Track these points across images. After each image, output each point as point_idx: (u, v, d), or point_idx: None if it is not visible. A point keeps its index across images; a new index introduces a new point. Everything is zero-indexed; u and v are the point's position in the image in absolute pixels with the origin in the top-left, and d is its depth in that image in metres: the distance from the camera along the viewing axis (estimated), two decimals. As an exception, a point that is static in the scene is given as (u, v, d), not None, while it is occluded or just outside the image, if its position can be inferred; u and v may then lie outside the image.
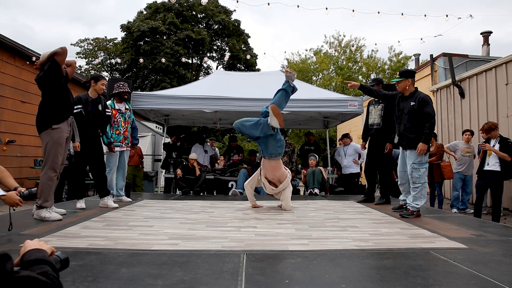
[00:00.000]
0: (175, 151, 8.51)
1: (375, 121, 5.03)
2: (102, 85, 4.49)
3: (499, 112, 7.39)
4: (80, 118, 4.22)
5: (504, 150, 5.27)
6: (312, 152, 7.42)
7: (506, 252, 2.50)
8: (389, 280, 1.90)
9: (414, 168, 4.01)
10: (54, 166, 3.50)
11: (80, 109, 4.26)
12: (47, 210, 3.45)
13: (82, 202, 4.32)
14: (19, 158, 8.50)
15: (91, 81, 4.48)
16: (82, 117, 4.27)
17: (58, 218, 3.45)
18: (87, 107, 4.32)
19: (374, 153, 5.05)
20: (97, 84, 4.46)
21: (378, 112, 5.01)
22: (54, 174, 3.52)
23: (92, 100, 4.41)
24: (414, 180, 4.02)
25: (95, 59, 25.74)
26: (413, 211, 3.95)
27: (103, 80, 4.53)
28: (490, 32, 11.33)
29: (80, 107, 4.26)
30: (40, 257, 1.07)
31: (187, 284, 1.81)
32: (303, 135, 20.29)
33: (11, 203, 2.56)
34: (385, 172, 5.06)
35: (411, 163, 4.04)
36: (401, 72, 4.23)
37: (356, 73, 25.63)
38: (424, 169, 4.00)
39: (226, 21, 23.51)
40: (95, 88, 4.46)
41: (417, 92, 4.12)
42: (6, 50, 8.24)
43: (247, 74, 10.62)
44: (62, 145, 3.56)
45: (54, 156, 3.50)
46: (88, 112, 4.33)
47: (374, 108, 5.09)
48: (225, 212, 4.19)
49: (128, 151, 5.19)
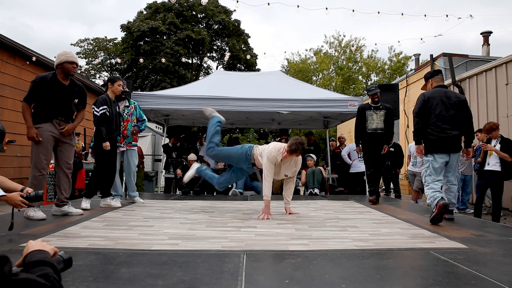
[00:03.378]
0: (175, 151, 8.52)
1: (379, 126, 5.22)
2: (118, 85, 4.58)
3: (499, 112, 7.39)
4: (105, 118, 4.33)
5: (505, 150, 5.28)
6: (312, 152, 7.42)
7: (506, 252, 2.50)
8: (389, 280, 1.91)
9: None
10: (38, 165, 3.55)
11: (105, 110, 4.34)
12: (33, 209, 3.46)
13: (88, 203, 4.26)
14: (19, 158, 8.50)
15: (108, 84, 4.60)
16: (107, 117, 4.36)
17: (41, 218, 3.46)
18: (110, 108, 4.42)
19: (378, 156, 5.25)
20: (114, 85, 4.55)
21: (381, 118, 5.22)
22: (39, 174, 3.54)
23: (113, 101, 4.53)
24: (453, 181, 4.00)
25: (95, 59, 25.73)
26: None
27: (119, 81, 4.62)
28: (490, 32, 11.33)
29: (105, 108, 4.34)
30: (42, 259, 1.07)
31: (187, 284, 1.81)
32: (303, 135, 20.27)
33: (14, 204, 2.57)
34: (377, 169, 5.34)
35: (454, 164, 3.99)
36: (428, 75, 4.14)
37: (356, 73, 25.65)
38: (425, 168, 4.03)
39: (226, 21, 23.50)
40: (113, 89, 4.55)
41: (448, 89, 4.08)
42: (6, 50, 8.23)
43: (247, 74, 10.63)
44: (43, 145, 3.57)
45: (36, 156, 3.55)
46: (111, 113, 4.43)
47: (375, 113, 5.25)
48: (225, 212, 4.19)
49: (133, 150, 5.03)
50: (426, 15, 8.85)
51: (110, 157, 4.48)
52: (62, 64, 3.66)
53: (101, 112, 4.31)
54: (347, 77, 24.44)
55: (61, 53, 3.75)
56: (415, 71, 12.04)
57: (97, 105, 4.35)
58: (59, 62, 3.67)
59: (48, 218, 3.50)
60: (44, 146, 3.58)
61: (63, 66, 3.66)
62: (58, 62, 3.68)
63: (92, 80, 17.20)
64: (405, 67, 23.97)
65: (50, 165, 6.92)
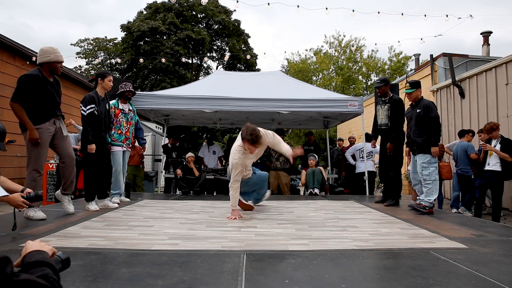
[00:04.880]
0: (175, 151, 8.52)
1: (383, 122, 5.06)
2: (109, 81, 4.34)
3: (499, 112, 7.38)
4: (93, 117, 4.15)
5: (505, 151, 5.28)
6: (312, 152, 7.42)
7: (506, 252, 2.50)
8: (389, 280, 1.90)
9: (423, 167, 4.41)
10: (37, 166, 3.49)
11: (93, 109, 4.14)
12: (33, 209, 3.45)
13: (93, 205, 4.19)
14: (19, 158, 8.50)
15: (98, 79, 4.35)
16: (95, 116, 4.17)
17: (41, 218, 3.45)
18: (99, 107, 4.23)
19: (385, 154, 5.08)
20: (104, 81, 4.31)
21: (385, 113, 5.03)
22: (38, 175, 3.50)
23: (102, 99, 4.32)
24: (425, 178, 4.40)
25: (95, 59, 25.77)
26: (425, 206, 4.26)
27: (110, 76, 4.39)
28: (490, 32, 11.33)
29: (93, 107, 4.14)
30: (41, 259, 1.07)
31: (187, 284, 1.81)
32: (303, 135, 20.29)
33: (15, 205, 2.57)
34: (396, 173, 5.04)
35: (420, 163, 4.45)
36: (412, 83, 4.60)
37: (356, 73, 25.65)
38: (433, 167, 4.39)
39: (226, 21, 23.51)
40: (103, 85, 4.32)
41: (422, 99, 4.55)
42: (6, 50, 8.24)
43: (247, 74, 10.62)
44: (42, 145, 3.51)
45: (36, 157, 3.49)
46: (100, 111, 4.24)
47: (381, 108, 5.11)
48: (225, 212, 4.19)
49: (129, 152, 5.13)
50: (426, 15, 8.85)
51: (100, 158, 4.29)
52: (51, 63, 3.50)
53: (89, 111, 4.10)
54: (347, 77, 24.44)
55: (47, 50, 3.52)
56: (415, 71, 12.05)
57: (84, 103, 4.14)
58: (49, 61, 3.49)
59: (48, 218, 3.50)
60: (44, 147, 3.54)
61: (51, 64, 3.51)
62: (47, 60, 3.48)
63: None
64: (405, 67, 24.00)
65: (50, 165, 6.94)
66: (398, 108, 4.92)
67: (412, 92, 4.54)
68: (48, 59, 3.49)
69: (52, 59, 3.51)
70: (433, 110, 4.39)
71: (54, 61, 3.52)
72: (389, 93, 5.06)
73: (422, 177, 4.43)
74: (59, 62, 3.56)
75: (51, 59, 3.50)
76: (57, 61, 3.54)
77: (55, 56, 3.52)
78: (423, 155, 4.42)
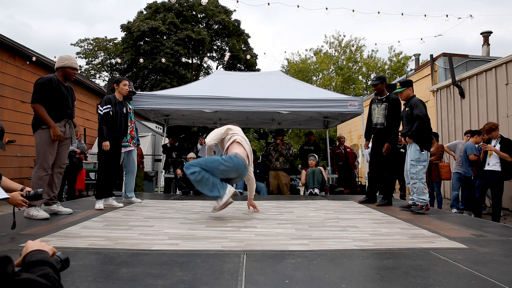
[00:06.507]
0: (175, 151, 8.52)
1: (379, 121, 4.91)
2: (124, 85, 4.61)
3: (499, 112, 7.39)
4: (108, 118, 4.37)
5: (505, 150, 5.28)
6: (312, 152, 7.42)
7: (506, 252, 2.50)
8: (389, 280, 1.90)
9: (411, 165, 4.41)
10: (44, 165, 3.58)
11: (109, 109, 4.37)
12: (36, 208, 3.48)
13: (101, 203, 4.28)
14: (19, 158, 8.51)
15: (113, 85, 4.63)
16: (110, 117, 4.38)
17: (45, 217, 3.48)
18: (115, 108, 4.44)
19: (378, 154, 4.92)
20: (119, 85, 4.59)
21: (381, 112, 4.89)
22: (45, 174, 3.58)
23: (119, 102, 4.55)
24: (411, 176, 4.42)
25: (95, 59, 25.76)
26: (422, 206, 4.27)
27: (125, 81, 4.64)
28: (490, 32, 11.34)
29: (109, 107, 4.38)
30: (41, 259, 1.07)
31: (187, 284, 1.81)
32: (303, 135, 20.30)
33: (15, 204, 2.58)
34: (390, 173, 4.94)
35: (409, 160, 4.45)
36: (402, 83, 4.60)
37: (356, 73, 25.65)
38: (421, 166, 4.35)
39: (226, 21, 23.51)
40: (119, 90, 4.60)
41: (412, 98, 4.54)
42: (6, 50, 8.24)
43: (247, 74, 10.62)
44: (52, 145, 3.62)
45: (44, 156, 3.58)
46: (115, 112, 4.45)
47: (377, 107, 4.96)
48: (225, 212, 4.19)
49: (135, 150, 5.15)
50: (426, 15, 8.86)
51: (113, 157, 4.47)
52: (65, 68, 3.74)
53: (105, 111, 4.35)
54: (347, 77, 24.44)
55: (65, 57, 3.81)
56: (415, 71, 12.04)
57: (101, 104, 4.41)
58: (63, 66, 3.73)
59: (48, 218, 3.50)
60: (54, 146, 3.66)
61: (65, 70, 3.75)
62: (62, 65, 3.73)
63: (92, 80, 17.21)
64: (405, 67, 23.99)
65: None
66: (396, 108, 4.83)
67: (403, 91, 4.54)
68: (63, 64, 3.75)
69: (67, 65, 3.75)
70: (418, 107, 4.32)
71: (68, 67, 3.75)
72: (386, 92, 4.94)
73: (410, 175, 4.47)
74: (72, 68, 3.78)
75: (66, 64, 3.75)
76: (71, 66, 3.76)
77: (70, 62, 3.78)
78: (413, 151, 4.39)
